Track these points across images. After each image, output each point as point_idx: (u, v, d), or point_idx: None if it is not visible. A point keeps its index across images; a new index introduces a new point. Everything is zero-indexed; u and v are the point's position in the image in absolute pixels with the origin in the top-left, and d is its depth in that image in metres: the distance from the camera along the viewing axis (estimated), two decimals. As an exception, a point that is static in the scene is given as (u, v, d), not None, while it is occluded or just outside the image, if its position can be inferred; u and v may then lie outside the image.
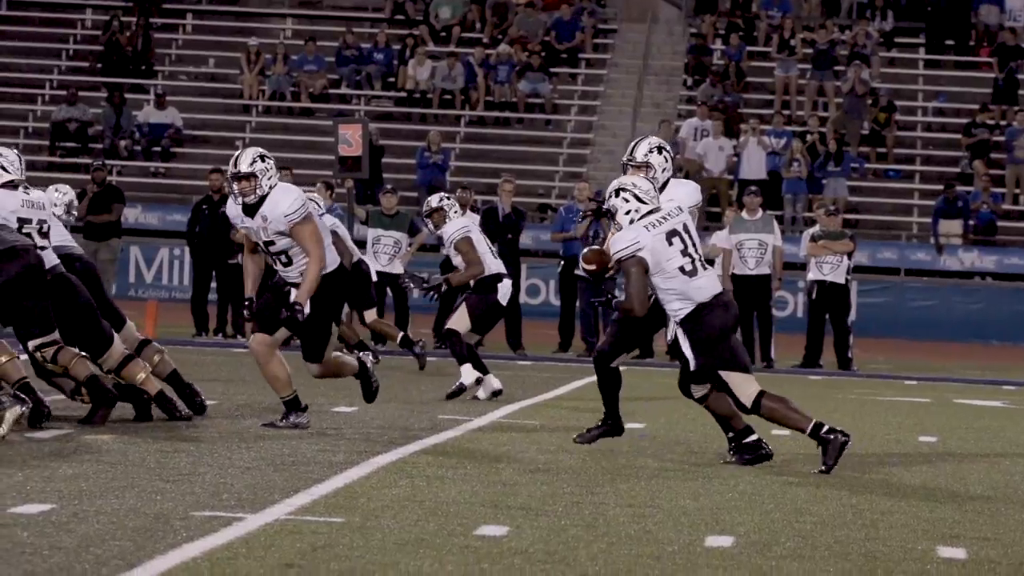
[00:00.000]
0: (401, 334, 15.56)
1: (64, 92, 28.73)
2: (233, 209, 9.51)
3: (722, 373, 8.76)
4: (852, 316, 18.40)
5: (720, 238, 18.43)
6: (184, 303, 20.38)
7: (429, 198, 13.00)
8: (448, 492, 7.41)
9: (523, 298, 21.43)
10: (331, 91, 29.34)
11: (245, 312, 9.50)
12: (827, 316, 17.89)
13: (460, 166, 27.40)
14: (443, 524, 6.51)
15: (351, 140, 18.29)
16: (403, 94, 29.24)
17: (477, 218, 16.35)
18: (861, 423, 12.00)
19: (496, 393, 12.31)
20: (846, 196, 26.63)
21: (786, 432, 10.92)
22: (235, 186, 9.30)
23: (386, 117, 28.86)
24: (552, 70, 29.40)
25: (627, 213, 8.81)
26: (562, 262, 18.85)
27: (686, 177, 27.35)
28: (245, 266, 9.69)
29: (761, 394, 8.81)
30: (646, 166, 9.12)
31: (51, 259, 9.58)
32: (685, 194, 9.24)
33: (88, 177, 19.80)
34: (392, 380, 14.10)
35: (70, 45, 30.64)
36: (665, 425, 10.81)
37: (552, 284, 24.46)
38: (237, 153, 9.45)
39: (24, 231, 9.39)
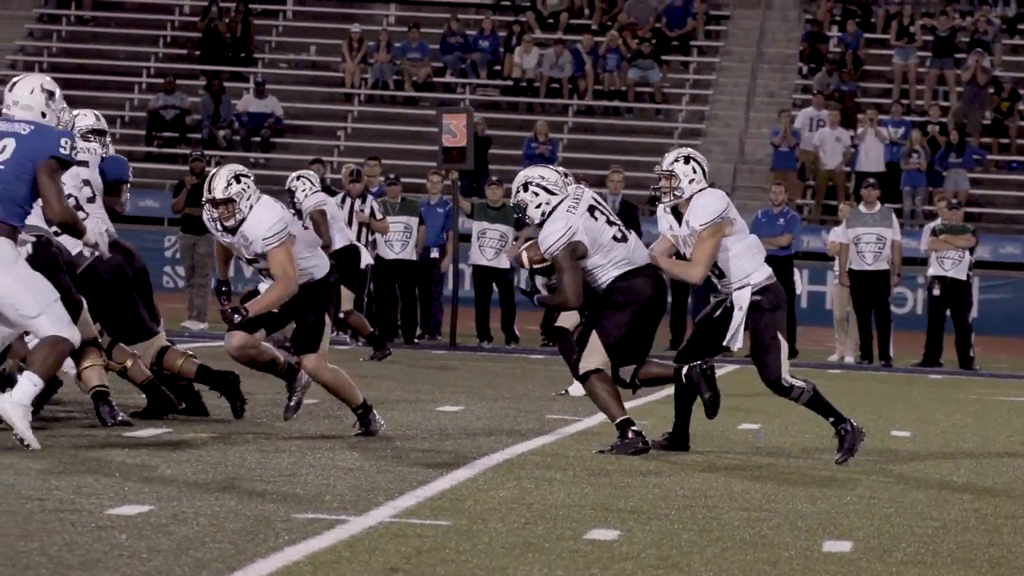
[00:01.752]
0: (371, 330, 14.99)
1: (161, 80, 28.63)
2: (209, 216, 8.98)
3: (594, 333, 8.62)
4: (974, 313, 18.04)
5: (837, 233, 18.09)
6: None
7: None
8: (557, 495, 7.29)
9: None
10: (435, 79, 29.23)
11: (222, 300, 9.05)
12: (948, 313, 17.52)
13: (568, 157, 27.19)
14: (552, 527, 6.39)
15: (455, 130, 18.11)
16: (509, 83, 29.10)
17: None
18: (983, 424, 11.77)
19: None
20: (968, 189, 26.09)
21: (907, 433, 10.67)
22: (213, 212, 8.85)
23: (492, 107, 28.72)
24: (663, 58, 29.11)
25: (538, 207, 8.68)
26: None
27: (801, 168, 27.05)
28: (217, 248, 9.30)
29: (598, 371, 8.64)
30: (670, 175, 8.91)
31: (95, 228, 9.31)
32: (698, 209, 8.83)
33: (186, 167, 19.79)
34: (499, 379, 13.96)
35: (168, 32, 30.58)
36: (780, 426, 10.61)
37: (664, 279, 24.16)
38: (211, 174, 8.93)
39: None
